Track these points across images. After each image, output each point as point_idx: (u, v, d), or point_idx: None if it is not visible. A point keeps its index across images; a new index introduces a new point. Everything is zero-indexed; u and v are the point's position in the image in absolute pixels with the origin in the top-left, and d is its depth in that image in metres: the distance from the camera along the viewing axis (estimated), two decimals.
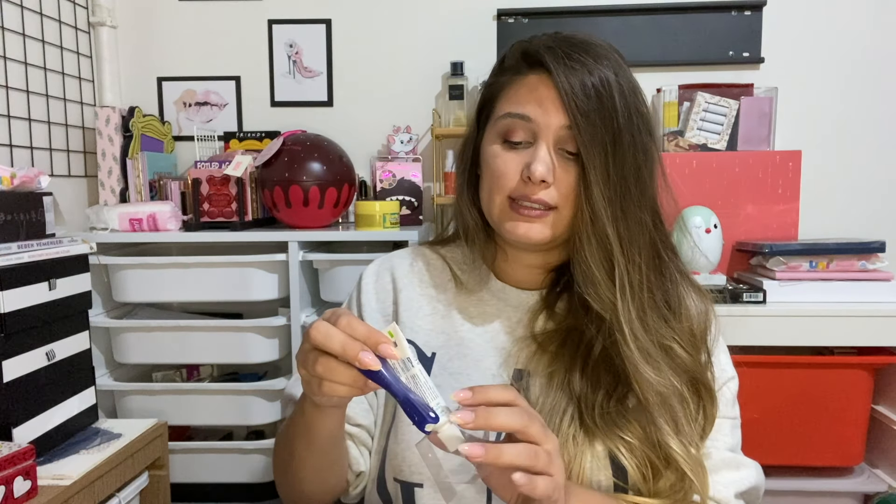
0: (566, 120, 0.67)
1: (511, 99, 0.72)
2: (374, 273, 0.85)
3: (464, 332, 0.78)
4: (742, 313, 1.42)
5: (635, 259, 0.68)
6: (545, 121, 0.68)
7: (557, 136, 0.68)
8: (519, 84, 0.72)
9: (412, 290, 0.81)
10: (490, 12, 1.87)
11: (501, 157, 0.71)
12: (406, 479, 0.73)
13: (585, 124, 0.66)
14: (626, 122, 0.68)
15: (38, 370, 1.15)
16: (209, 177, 1.61)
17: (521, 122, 0.70)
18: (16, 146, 1.54)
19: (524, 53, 0.72)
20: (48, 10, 1.66)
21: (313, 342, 0.55)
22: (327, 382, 0.55)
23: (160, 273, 1.55)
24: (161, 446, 1.38)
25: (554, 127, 0.68)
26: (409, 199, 1.75)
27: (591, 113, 0.66)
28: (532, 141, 0.70)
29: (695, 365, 0.72)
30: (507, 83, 0.74)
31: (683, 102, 1.71)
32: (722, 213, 1.60)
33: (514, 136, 0.71)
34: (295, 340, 1.56)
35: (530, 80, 0.70)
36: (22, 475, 0.99)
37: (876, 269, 1.48)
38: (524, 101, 0.70)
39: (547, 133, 0.68)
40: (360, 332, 0.55)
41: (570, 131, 0.67)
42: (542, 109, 0.68)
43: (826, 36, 1.82)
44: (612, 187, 0.67)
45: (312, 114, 1.94)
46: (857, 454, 1.50)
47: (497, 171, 0.71)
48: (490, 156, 0.73)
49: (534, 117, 0.69)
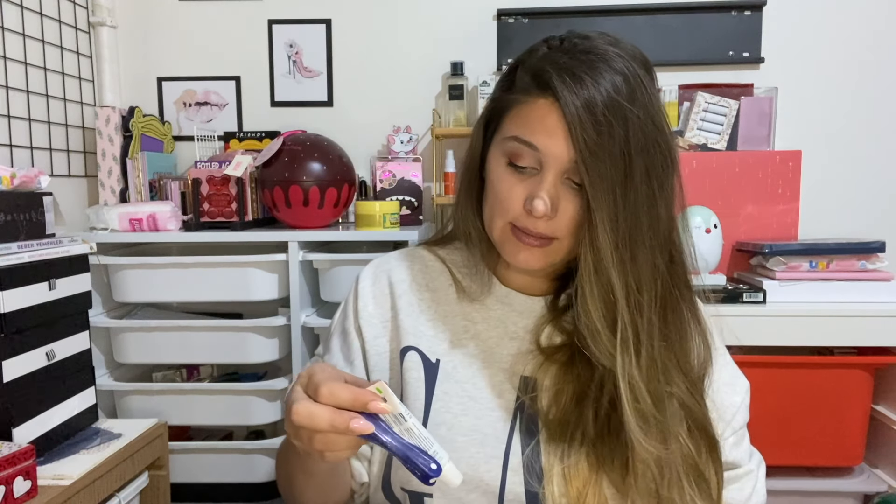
0: (574, 153, 0.63)
1: (519, 122, 0.67)
2: (370, 277, 0.81)
3: (468, 339, 0.76)
4: (742, 313, 1.42)
5: (642, 309, 0.64)
6: (552, 152, 0.64)
7: (564, 167, 0.64)
8: (529, 108, 0.66)
9: (412, 295, 0.79)
10: (490, 12, 1.87)
11: (506, 182, 0.68)
12: (414, 489, 0.71)
13: (592, 161, 0.62)
14: (640, 152, 0.62)
15: (38, 370, 1.15)
16: (209, 177, 1.61)
17: (527, 149, 0.66)
18: (16, 146, 1.54)
19: (534, 76, 0.66)
20: (48, 10, 1.66)
21: (299, 426, 0.53)
22: (328, 452, 0.55)
23: (160, 273, 1.55)
24: (161, 446, 1.38)
25: (561, 159, 0.64)
26: (409, 199, 1.75)
27: (599, 149, 0.61)
28: (538, 168, 0.66)
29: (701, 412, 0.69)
30: (515, 102, 0.68)
31: (683, 102, 1.72)
32: (722, 213, 1.60)
33: (521, 161, 0.67)
34: (295, 340, 1.56)
35: (540, 105, 0.65)
36: (22, 475, 0.99)
37: (876, 269, 1.48)
38: (533, 128, 0.65)
39: (554, 164, 0.64)
40: (344, 398, 0.53)
41: (577, 165, 0.63)
42: (551, 140, 0.64)
43: (826, 36, 1.82)
44: (621, 231, 0.62)
45: (312, 114, 1.94)
46: (857, 454, 1.50)
47: (500, 195, 0.68)
48: (495, 178, 0.70)
49: (541, 148, 0.64)
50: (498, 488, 0.68)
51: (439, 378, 0.74)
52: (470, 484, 0.68)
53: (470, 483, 0.68)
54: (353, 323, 0.79)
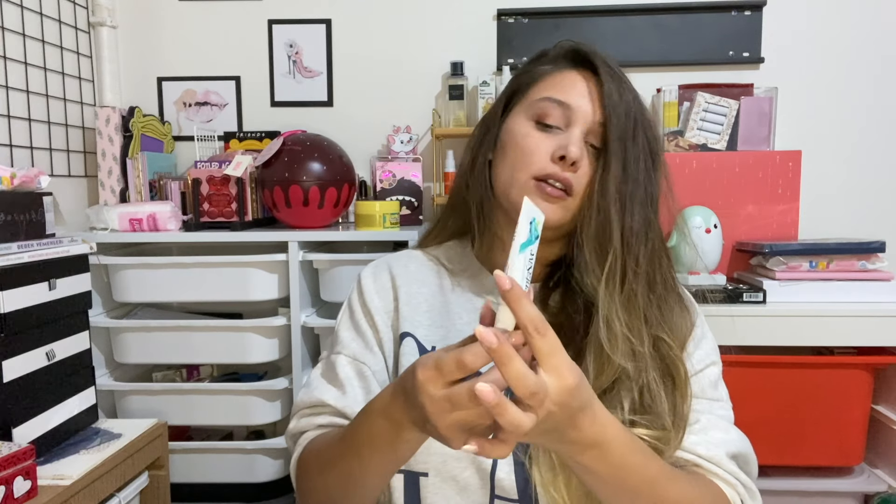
0: (602, 116, 0.72)
1: (552, 86, 0.76)
2: (371, 274, 0.86)
3: (461, 327, 0.79)
4: (742, 313, 1.42)
5: (631, 251, 0.70)
6: (583, 110, 0.73)
7: (590, 128, 0.73)
8: (561, 76, 0.76)
9: (410, 287, 0.83)
10: (490, 12, 1.87)
11: (533, 137, 0.74)
12: (410, 468, 0.74)
13: (616, 122, 0.72)
14: (644, 131, 0.74)
15: (38, 370, 1.15)
16: (209, 177, 1.61)
17: (559, 107, 0.73)
18: (16, 146, 1.54)
19: (574, 51, 0.77)
20: (48, 10, 1.66)
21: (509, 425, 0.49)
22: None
23: (160, 273, 1.55)
24: (161, 446, 1.38)
25: (588, 118, 0.73)
26: (408, 199, 1.75)
27: (622, 115, 0.72)
28: (563, 128, 0.74)
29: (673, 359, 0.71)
30: (547, 73, 0.77)
31: (683, 102, 1.71)
32: (722, 213, 1.60)
33: (549, 119, 0.74)
34: (295, 340, 1.56)
35: (572, 74, 0.76)
36: (22, 475, 0.99)
37: (876, 269, 1.48)
38: (566, 91, 0.74)
39: (582, 121, 0.73)
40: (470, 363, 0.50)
41: (601, 128, 0.72)
42: (583, 100, 0.73)
43: (826, 36, 1.82)
44: (629, 182, 0.71)
45: (312, 114, 1.94)
46: (857, 454, 1.50)
47: (527, 148, 0.74)
48: (520, 135, 0.75)
49: (573, 105, 0.73)
50: (490, 465, 0.73)
51: None
52: (464, 460, 0.73)
53: (464, 459, 0.73)
54: (363, 317, 0.82)
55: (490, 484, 0.73)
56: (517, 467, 0.72)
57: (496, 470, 0.72)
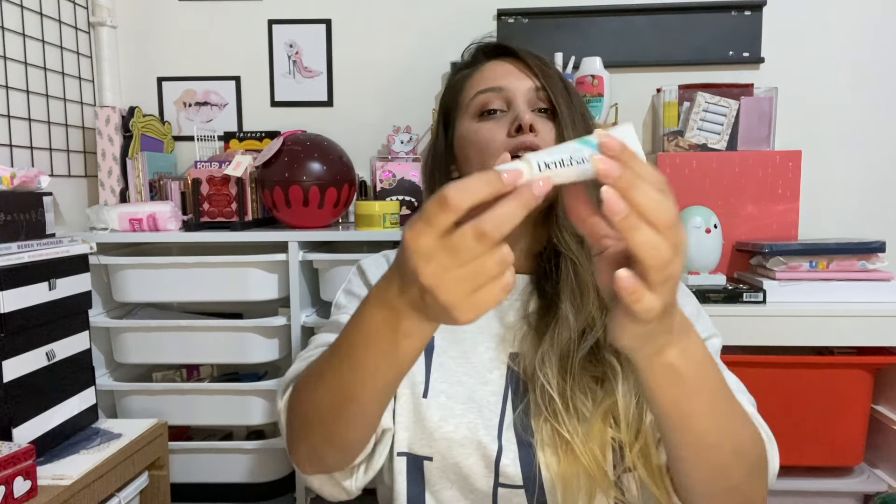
0: (535, 83, 0.78)
1: (480, 81, 0.80)
2: (373, 263, 0.89)
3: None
4: (742, 313, 1.42)
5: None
6: (517, 87, 0.78)
7: (529, 98, 0.78)
8: (482, 69, 0.81)
9: None
10: (490, 12, 1.87)
11: (485, 127, 0.78)
12: (414, 451, 0.75)
13: (550, 82, 0.78)
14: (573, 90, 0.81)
15: (38, 370, 1.15)
16: (209, 177, 1.61)
17: (494, 93, 0.78)
18: (16, 146, 1.54)
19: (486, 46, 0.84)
20: (48, 10, 1.66)
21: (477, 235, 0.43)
22: (480, 292, 0.44)
23: (160, 273, 1.55)
24: (161, 446, 1.38)
25: (525, 90, 0.78)
26: (408, 199, 1.75)
27: (555, 76, 0.79)
28: (506, 109, 0.78)
29: None
30: (468, 75, 0.82)
31: (683, 102, 1.71)
32: (722, 213, 1.60)
33: (490, 106, 0.78)
34: (295, 340, 1.56)
35: (492, 64, 0.81)
36: (22, 475, 0.99)
37: (876, 269, 1.48)
38: (496, 77, 0.79)
39: (520, 96, 0.77)
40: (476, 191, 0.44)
41: (539, 92, 0.78)
42: (512, 79, 0.78)
43: (826, 36, 1.82)
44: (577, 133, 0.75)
45: (312, 114, 1.94)
46: (857, 454, 1.50)
47: (483, 139, 0.77)
48: (472, 133, 0.79)
49: (506, 86, 0.78)
50: (495, 453, 0.73)
51: (436, 351, 0.80)
52: (469, 447, 0.73)
53: (469, 446, 0.73)
54: (364, 286, 0.85)
55: (494, 471, 0.73)
56: (522, 453, 0.73)
57: (501, 457, 0.73)
